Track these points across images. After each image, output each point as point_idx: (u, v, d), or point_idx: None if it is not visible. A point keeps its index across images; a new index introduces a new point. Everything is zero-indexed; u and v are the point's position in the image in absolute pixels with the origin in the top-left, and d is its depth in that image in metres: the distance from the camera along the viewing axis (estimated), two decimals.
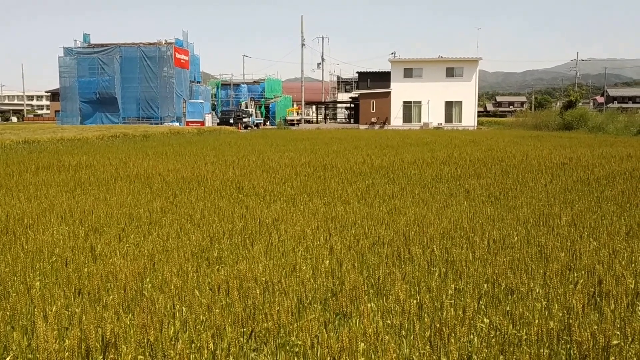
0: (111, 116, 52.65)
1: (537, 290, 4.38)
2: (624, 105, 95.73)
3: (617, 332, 3.54)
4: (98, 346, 3.25)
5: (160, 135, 31.53)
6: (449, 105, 55.44)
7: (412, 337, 3.48)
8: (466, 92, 55.02)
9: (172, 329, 3.66)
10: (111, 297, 4.24)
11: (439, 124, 54.95)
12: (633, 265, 5.10)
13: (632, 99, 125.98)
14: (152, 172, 12.70)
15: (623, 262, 5.14)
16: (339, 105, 77.65)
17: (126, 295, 4.23)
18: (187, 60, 55.28)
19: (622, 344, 3.40)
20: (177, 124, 49.53)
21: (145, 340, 3.29)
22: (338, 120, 79.88)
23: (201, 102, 54.38)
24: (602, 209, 8.06)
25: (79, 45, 54.34)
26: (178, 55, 53.08)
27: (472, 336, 3.55)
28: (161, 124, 48.89)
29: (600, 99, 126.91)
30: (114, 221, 7.25)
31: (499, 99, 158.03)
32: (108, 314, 3.81)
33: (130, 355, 3.20)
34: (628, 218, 7.31)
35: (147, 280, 4.69)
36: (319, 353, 3.28)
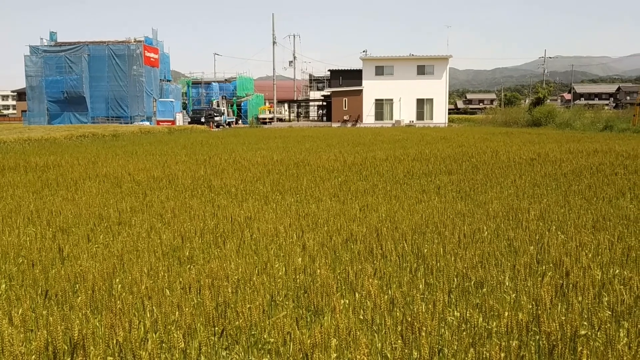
0: (80, 116, 51.71)
1: (507, 283, 4.44)
2: (590, 102, 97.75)
3: (585, 323, 3.61)
4: (65, 348, 3.19)
5: (130, 135, 31.13)
6: (420, 102, 55.87)
7: (383, 331, 3.49)
8: (437, 90, 55.52)
9: (142, 329, 3.61)
10: (79, 298, 4.16)
11: (410, 121, 55.34)
12: (599, 257, 5.20)
13: (598, 96, 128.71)
14: (122, 171, 12.52)
15: (590, 254, 5.24)
16: (311, 103, 77.63)
17: (94, 296, 4.16)
18: (156, 59, 54.60)
19: (590, 333, 3.47)
20: (148, 123, 48.91)
21: (114, 341, 3.23)
22: (310, 118, 79.84)
23: (172, 101, 53.80)
24: (569, 203, 8.21)
25: (46, 44, 53.24)
26: (147, 54, 52.39)
27: (443, 330, 3.58)
28: (131, 123, 48.24)
29: (568, 96, 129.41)
30: (83, 221, 7.12)
31: (469, 96, 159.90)
32: (76, 315, 3.74)
33: (99, 357, 3.15)
34: (594, 211, 7.46)
35: (117, 280, 4.62)
36: (291, 350, 3.27)
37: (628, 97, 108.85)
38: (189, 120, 54.02)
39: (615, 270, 4.79)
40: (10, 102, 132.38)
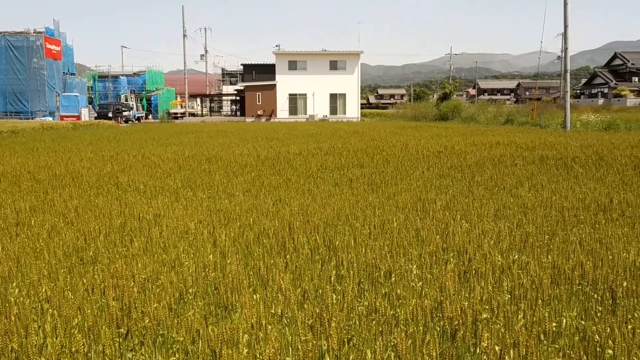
0: None
1: (414, 272, 4.58)
2: (493, 97, 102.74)
3: (486, 307, 3.78)
4: None
5: (31, 131, 29.42)
6: (333, 97, 56.52)
7: (294, 325, 3.50)
8: (349, 85, 56.36)
9: (41, 334, 3.42)
10: None
11: (324, 115, 55.87)
12: (500, 243, 5.47)
13: (500, 91, 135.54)
14: (21, 169, 11.81)
15: (491, 242, 5.51)
16: (224, 98, 76.57)
17: None
18: (59, 51, 51.79)
19: (490, 317, 3.63)
20: (51, 118, 46.41)
21: (9, 348, 3.04)
22: (224, 113, 78.68)
23: (76, 96, 51.29)
24: (473, 193, 8.59)
25: None
26: (49, 46, 49.59)
27: (353, 320, 3.63)
28: (32, 118, 45.54)
29: (473, 91, 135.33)
30: None
31: (380, 91, 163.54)
32: None
33: None
34: (496, 200, 7.85)
35: (14, 285, 4.35)
36: (200, 347, 3.21)
37: (527, 93, 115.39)
38: (96, 115, 51.79)
39: (515, 255, 5.06)
40: None
